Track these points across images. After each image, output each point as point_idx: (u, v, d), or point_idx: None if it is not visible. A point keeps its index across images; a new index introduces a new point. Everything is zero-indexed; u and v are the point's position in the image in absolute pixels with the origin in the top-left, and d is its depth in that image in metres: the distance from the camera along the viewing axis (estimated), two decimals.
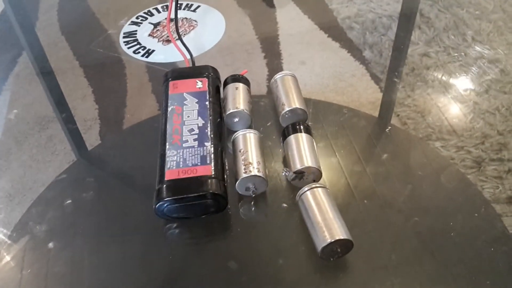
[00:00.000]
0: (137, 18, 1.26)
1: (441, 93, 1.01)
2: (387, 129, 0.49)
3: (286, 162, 0.43)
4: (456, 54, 1.05)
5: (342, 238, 0.36)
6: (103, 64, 1.22)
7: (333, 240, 0.35)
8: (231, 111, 0.45)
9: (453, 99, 0.99)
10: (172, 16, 0.50)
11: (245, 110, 0.45)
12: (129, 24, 1.22)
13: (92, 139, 1.12)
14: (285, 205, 0.42)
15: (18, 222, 0.44)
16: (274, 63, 1.11)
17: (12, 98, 1.27)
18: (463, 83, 1.01)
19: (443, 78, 1.01)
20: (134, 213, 0.43)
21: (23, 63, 1.29)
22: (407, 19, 0.79)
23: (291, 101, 0.46)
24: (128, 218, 0.43)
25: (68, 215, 0.43)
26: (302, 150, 0.41)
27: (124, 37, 1.18)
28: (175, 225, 0.41)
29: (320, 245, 0.36)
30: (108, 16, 1.31)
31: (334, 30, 1.18)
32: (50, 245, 0.41)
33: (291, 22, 1.22)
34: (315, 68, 1.08)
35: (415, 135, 0.88)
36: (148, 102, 1.20)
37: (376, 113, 0.95)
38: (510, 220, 0.75)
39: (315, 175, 0.41)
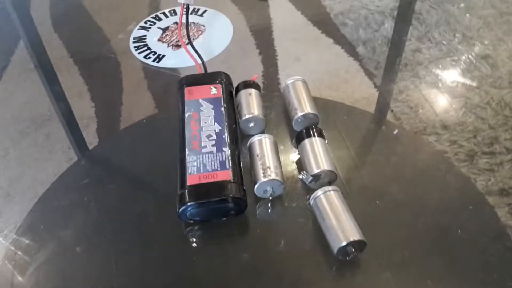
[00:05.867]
0: (145, 22, 1.25)
1: (433, 88, 1.03)
2: (394, 131, 0.51)
3: (301, 165, 0.45)
4: (447, 49, 1.07)
5: (356, 239, 0.38)
6: (98, 62, 1.22)
7: (347, 242, 0.38)
8: (247, 116, 0.47)
9: (445, 94, 1.01)
10: (183, 20, 0.51)
11: (260, 116, 0.47)
12: (138, 29, 1.21)
13: (89, 137, 1.12)
14: (300, 207, 0.44)
15: (23, 222, 0.45)
16: (269, 60, 1.12)
17: (6, 97, 1.25)
18: (454, 78, 1.03)
19: (435, 73, 1.04)
20: (152, 217, 0.45)
21: (17, 61, 1.27)
22: (404, 14, 0.80)
23: (303, 106, 0.47)
24: (147, 222, 0.44)
25: (94, 217, 0.45)
26: (317, 153, 0.43)
27: (134, 42, 1.17)
28: (196, 227, 0.43)
29: (335, 246, 0.38)
30: (100, 13, 1.30)
31: (327, 26, 1.19)
32: (78, 249, 0.42)
33: (284, 17, 1.23)
34: (310, 64, 1.09)
35: (420, 135, 0.89)
36: (144, 100, 1.20)
37: (370, 108, 0.97)
38: (502, 211, 0.79)
39: (330, 177, 0.43)
